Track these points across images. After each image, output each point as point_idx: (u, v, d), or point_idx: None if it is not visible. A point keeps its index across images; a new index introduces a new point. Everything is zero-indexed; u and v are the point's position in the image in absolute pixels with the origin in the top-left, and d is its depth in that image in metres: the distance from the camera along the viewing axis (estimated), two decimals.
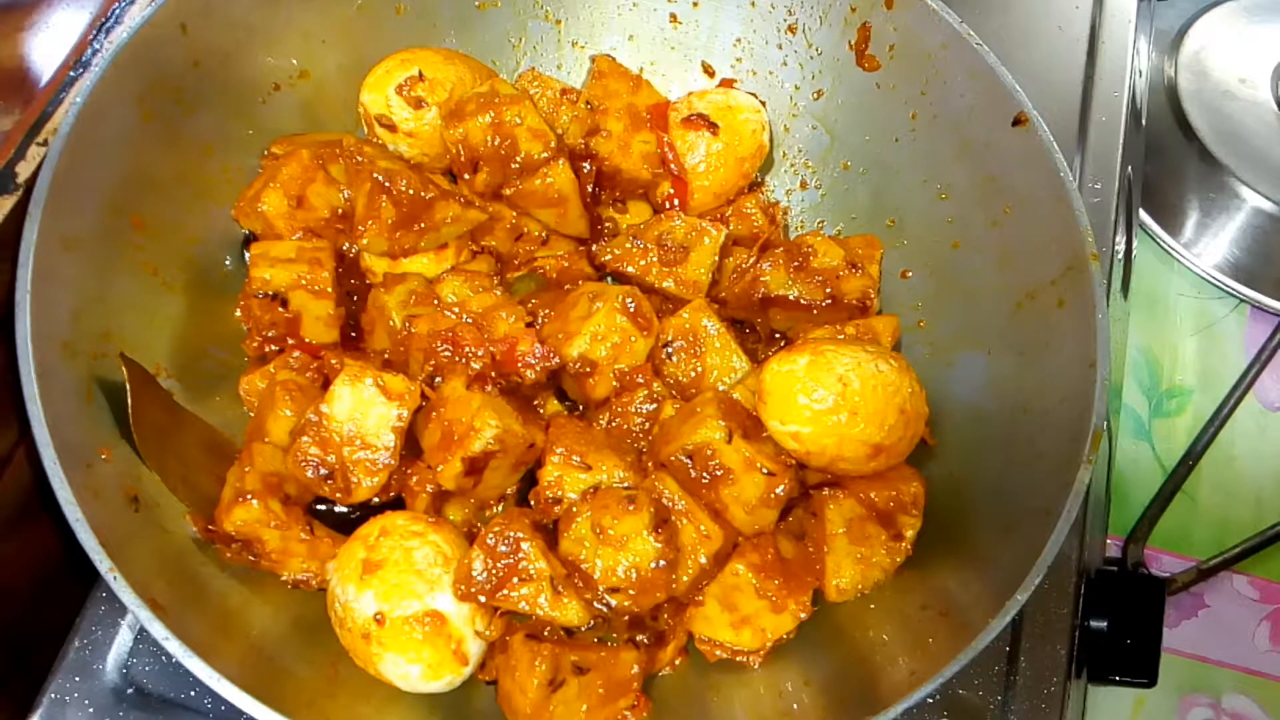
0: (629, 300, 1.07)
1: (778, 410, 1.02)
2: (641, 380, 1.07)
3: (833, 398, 1.00)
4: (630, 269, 1.15)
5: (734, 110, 1.24)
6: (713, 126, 1.22)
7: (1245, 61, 1.68)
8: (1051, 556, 0.92)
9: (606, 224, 1.22)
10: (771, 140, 1.29)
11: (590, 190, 1.19)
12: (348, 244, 1.13)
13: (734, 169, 1.23)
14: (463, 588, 0.94)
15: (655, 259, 1.15)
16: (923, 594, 1.02)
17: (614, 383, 1.08)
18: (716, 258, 1.15)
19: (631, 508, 0.97)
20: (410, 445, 1.02)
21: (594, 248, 1.19)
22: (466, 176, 1.16)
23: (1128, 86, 1.41)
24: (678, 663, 1.03)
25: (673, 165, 1.22)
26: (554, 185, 1.15)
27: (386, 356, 1.08)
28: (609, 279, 1.18)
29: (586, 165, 1.19)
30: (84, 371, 0.98)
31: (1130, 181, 1.43)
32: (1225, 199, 1.61)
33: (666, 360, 1.10)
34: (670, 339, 1.10)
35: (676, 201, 1.24)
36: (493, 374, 1.05)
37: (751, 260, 1.16)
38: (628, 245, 1.16)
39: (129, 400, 0.98)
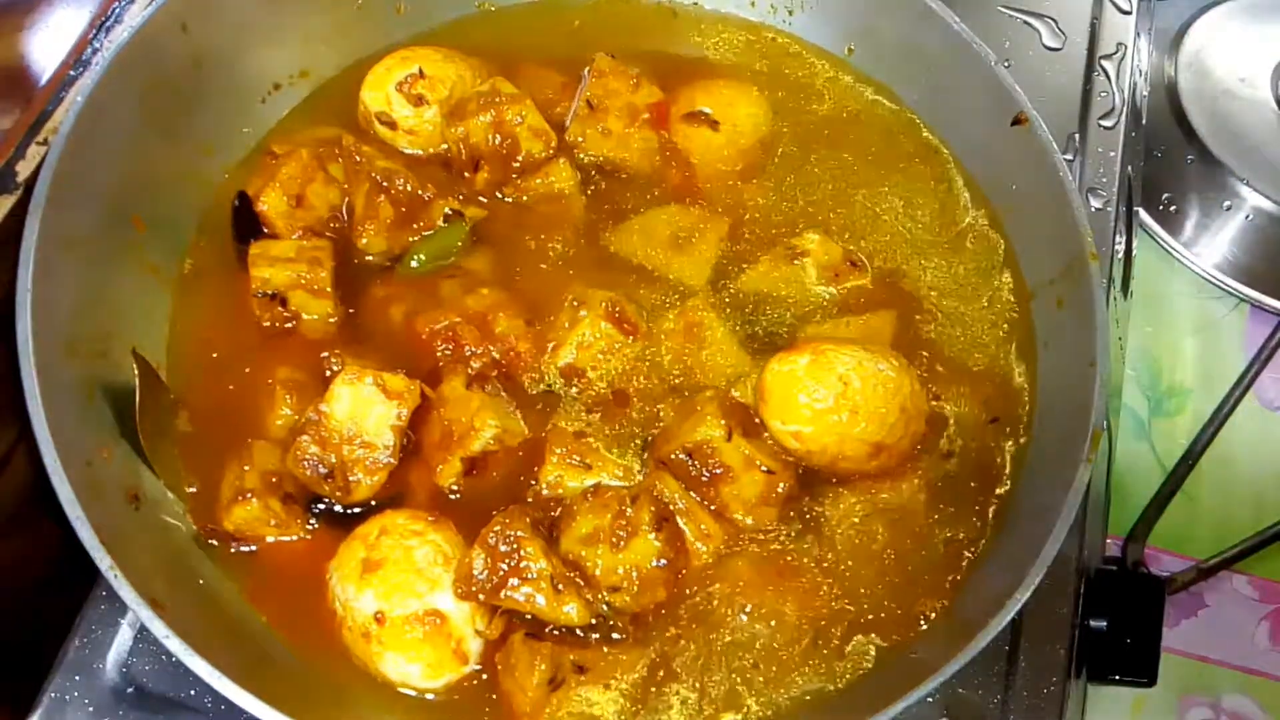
0: (614, 306, 1.07)
1: (778, 410, 1.02)
2: (634, 383, 1.08)
3: (833, 397, 1.00)
4: (634, 256, 1.15)
5: (734, 106, 1.24)
6: (713, 124, 1.22)
7: (1245, 61, 1.68)
8: (1051, 555, 0.92)
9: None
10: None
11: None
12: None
13: (737, 163, 1.23)
14: (463, 587, 0.94)
15: (659, 247, 1.15)
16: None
17: (605, 385, 1.08)
18: (719, 249, 1.15)
19: (632, 507, 0.97)
20: (410, 444, 1.02)
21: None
22: (467, 175, 1.16)
23: (1128, 86, 1.41)
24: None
25: (675, 162, 1.23)
26: (555, 184, 1.15)
27: (386, 355, 1.08)
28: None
29: (584, 156, 1.19)
30: (84, 371, 0.98)
31: (1130, 181, 1.43)
32: (1225, 199, 1.61)
33: (666, 358, 1.10)
34: (670, 336, 1.10)
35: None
36: (493, 373, 1.05)
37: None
38: (633, 230, 1.16)
39: (137, 397, 0.98)
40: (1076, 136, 1.36)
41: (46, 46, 1.08)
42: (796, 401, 1.01)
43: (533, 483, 1.02)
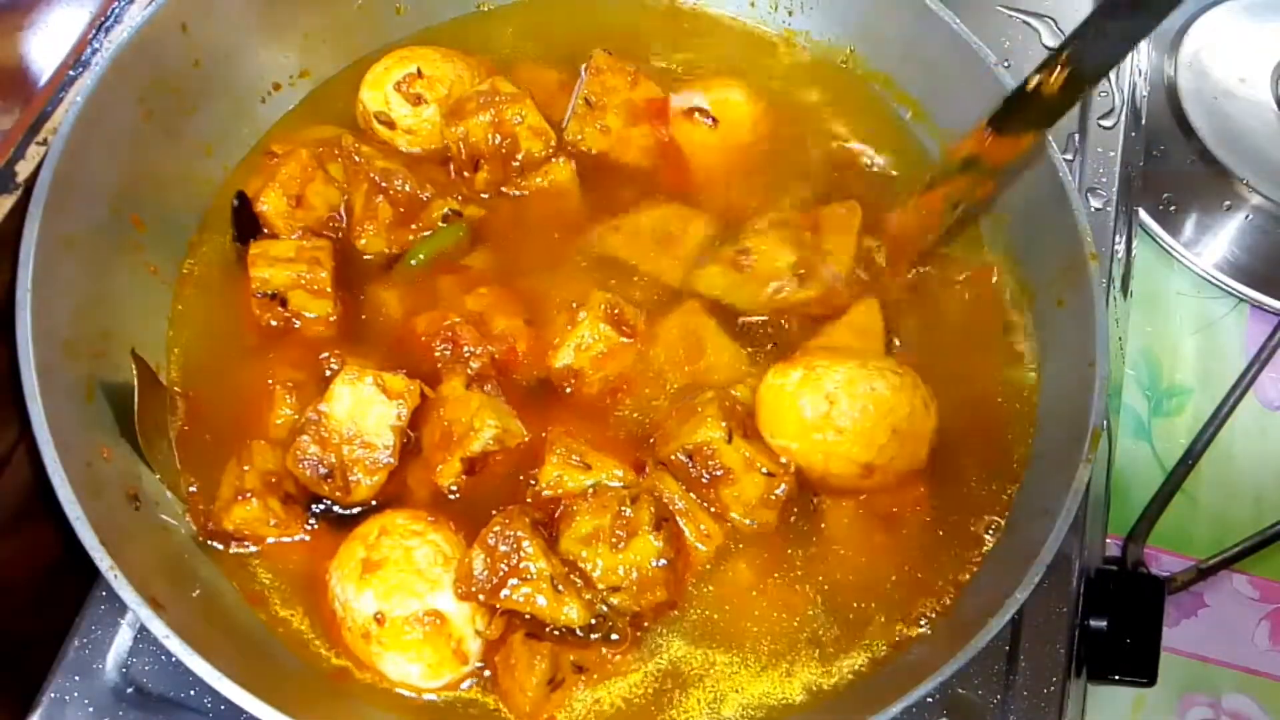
0: (613, 307, 1.07)
1: (769, 423, 1.03)
2: (633, 384, 1.08)
3: (818, 416, 1.00)
4: (632, 256, 1.15)
5: (732, 104, 1.24)
6: (712, 121, 1.22)
7: (1245, 61, 1.68)
8: (1051, 555, 0.92)
9: None
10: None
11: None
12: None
13: (736, 161, 1.23)
14: (463, 587, 0.94)
15: (658, 246, 1.15)
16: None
17: (603, 386, 1.08)
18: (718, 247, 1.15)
19: (632, 507, 0.97)
20: (410, 444, 1.02)
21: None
22: (467, 174, 1.16)
23: (1127, 86, 1.41)
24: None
25: (673, 159, 1.23)
26: (555, 182, 1.15)
27: (386, 355, 1.08)
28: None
29: (583, 154, 1.19)
30: (84, 371, 0.98)
31: (1130, 181, 1.43)
32: (1225, 199, 1.61)
33: (665, 359, 1.10)
34: (669, 336, 1.10)
35: None
36: (493, 373, 1.05)
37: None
38: (632, 229, 1.16)
39: (136, 398, 0.98)
40: (1076, 136, 1.36)
41: (46, 46, 1.08)
42: (785, 417, 1.01)
43: (532, 483, 1.02)
